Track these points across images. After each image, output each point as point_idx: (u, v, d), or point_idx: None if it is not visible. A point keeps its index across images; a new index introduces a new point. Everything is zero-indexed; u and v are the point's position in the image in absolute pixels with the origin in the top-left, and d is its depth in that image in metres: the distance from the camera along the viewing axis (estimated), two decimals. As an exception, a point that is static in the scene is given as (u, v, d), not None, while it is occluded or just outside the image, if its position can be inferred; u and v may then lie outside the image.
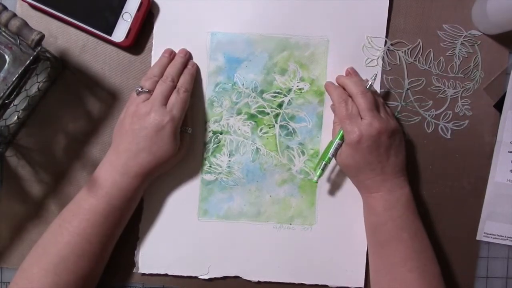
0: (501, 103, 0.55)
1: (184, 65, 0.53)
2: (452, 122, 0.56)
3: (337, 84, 0.54)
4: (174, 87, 0.51)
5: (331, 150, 0.51)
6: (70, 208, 0.50)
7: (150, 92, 0.50)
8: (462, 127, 0.56)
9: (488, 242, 0.56)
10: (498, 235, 0.56)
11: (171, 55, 0.54)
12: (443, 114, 0.56)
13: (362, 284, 0.55)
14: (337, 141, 0.51)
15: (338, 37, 0.55)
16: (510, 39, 0.55)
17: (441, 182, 0.56)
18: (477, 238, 0.56)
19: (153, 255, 0.55)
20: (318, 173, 0.52)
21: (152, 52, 0.55)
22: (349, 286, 0.55)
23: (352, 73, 0.54)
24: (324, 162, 0.51)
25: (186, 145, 0.54)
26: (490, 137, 0.56)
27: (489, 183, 0.56)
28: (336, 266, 0.55)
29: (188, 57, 0.54)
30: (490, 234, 0.56)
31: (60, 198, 0.56)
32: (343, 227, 0.55)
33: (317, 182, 0.52)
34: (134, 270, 0.55)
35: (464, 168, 0.56)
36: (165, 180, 0.55)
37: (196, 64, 0.54)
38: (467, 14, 0.55)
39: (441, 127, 0.56)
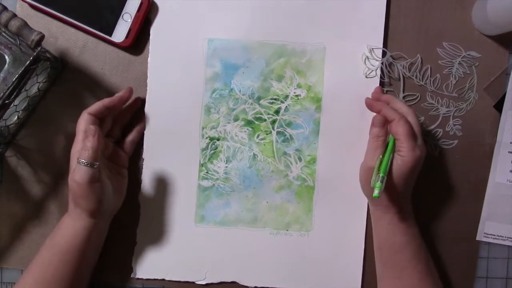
0: (501, 103, 0.55)
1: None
2: (442, 141, 0.56)
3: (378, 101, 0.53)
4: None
5: (389, 163, 0.48)
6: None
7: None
8: (451, 146, 0.56)
9: (488, 243, 0.56)
10: (498, 236, 0.56)
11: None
12: (433, 132, 0.56)
13: None
14: (391, 154, 0.49)
15: (335, 44, 0.55)
16: (510, 39, 0.55)
17: (441, 183, 0.56)
18: (477, 238, 0.56)
19: (150, 260, 0.55)
20: (378, 186, 0.46)
21: (149, 59, 0.55)
22: None
23: (384, 94, 0.54)
24: (382, 175, 0.47)
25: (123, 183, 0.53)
26: (490, 138, 0.56)
27: (489, 183, 0.56)
28: (333, 271, 0.55)
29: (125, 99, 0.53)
30: (490, 234, 0.56)
31: (60, 198, 0.56)
32: (340, 233, 0.55)
33: (379, 197, 0.46)
34: (132, 276, 0.55)
35: (464, 168, 0.56)
36: (162, 186, 0.55)
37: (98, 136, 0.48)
38: (468, 33, 0.55)
39: (430, 144, 0.56)
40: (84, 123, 0.49)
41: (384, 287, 0.52)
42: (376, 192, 0.46)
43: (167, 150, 0.55)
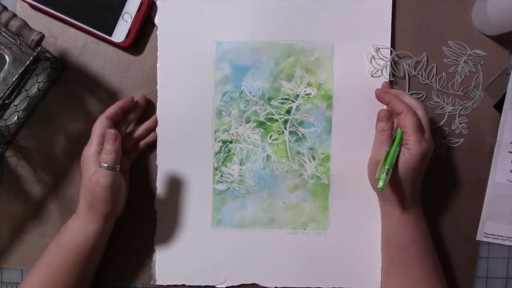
0: (501, 103, 0.55)
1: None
2: (448, 139, 0.56)
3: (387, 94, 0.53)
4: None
5: (395, 156, 0.48)
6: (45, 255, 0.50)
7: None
8: (457, 144, 0.56)
9: (488, 242, 0.56)
10: (498, 236, 0.56)
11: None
12: (439, 130, 0.56)
13: (378, 285, 0.55)
14: (398, 147, 0.48)
15: (343, 41, 0.55)
16: (510, 39, 0.55)
17: (441, 183, 0.56)
18: (477, 238, 0.56)
19: (169, 266, 0.55)
20: (383, 178, 0.46)
21: (158, 64, 0.55)
22: (365, 287, 0.55)
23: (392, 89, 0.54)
24: (387, 167, 0.47)
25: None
26: (490, 138, 0.56)
27: (489, 183, 0.56)
28: (352, 268, 0.55)
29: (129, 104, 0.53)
30: (490, 234, 0.56)
31: (60, 198, 0.56)
32: (357, 229, 0.55)
33: (383, 189, 0.46)
34: (152, 282, 0.55)
35: (465, 168, 0.56)
36: (177, 191, 0.55)
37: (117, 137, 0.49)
38: (468, 33, 0.55)
39: (436, 143, 0.56)
40: (100, 126, 0.49)
41: (389, 283, 0.52)
42: (380, 183, 0.46)
43: (180, 156, 0.55)
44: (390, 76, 0.55)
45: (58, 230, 0.55)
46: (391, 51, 0.55)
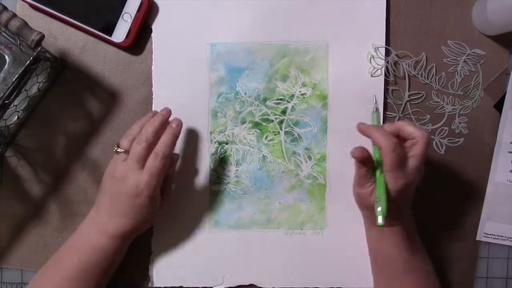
0: (501, 103, 0.55)
1: (164, 124, 0.49)
2: (448, 139, 0.56)
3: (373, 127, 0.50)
4: (150, 148, 0.47)
5: (384, 190, 0.47)
6: (54, 257, 0.50)
7: (127, 152, 0.48)
8: (457, 144, 0.56)
9: (488, 243, 0.56)
10: (498, 236, 0.56)
11: (155, 115, 0.50)
12: (439, 130, 0.56)
13: None
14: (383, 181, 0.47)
15: (337, 41, 0.55)
16: (510, 39, 0.55)
17: (441, 183, 0.56)
18: (477, 238, 0.56)
19: (167, 268, 0.55)
20: (382, 212, 0.46)
21: (153, 67, 0.55)
22: (363, 287, 0.55)
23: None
24: (381, 202, 0.46)
25: (170, 201, 0.52)
26: (490, 138, 0.56)
27: (489, 183, 0.56)
28: (350, 267, 0.55)
29: (169, 115, 0.51)
30: (490, 234, 0.56)
31: (60, 198, 0.56)
32: (354, 228, 0.55)
33: (384, 225, 0.46)
34: (150, 285, 0.55)
35: (464, 168, 0.56)
36: (174, 193, 0.55)
37: (181, 122, 0.50)
38: (468, 33, 0.55)
39: (436, 143, 0.56)
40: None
41: None
42: (380, 220, 0.45)
43: None
44: (389, 75, 0.55)
45: (58, 230, 0.56)
46: (390, 51, 0.55)
